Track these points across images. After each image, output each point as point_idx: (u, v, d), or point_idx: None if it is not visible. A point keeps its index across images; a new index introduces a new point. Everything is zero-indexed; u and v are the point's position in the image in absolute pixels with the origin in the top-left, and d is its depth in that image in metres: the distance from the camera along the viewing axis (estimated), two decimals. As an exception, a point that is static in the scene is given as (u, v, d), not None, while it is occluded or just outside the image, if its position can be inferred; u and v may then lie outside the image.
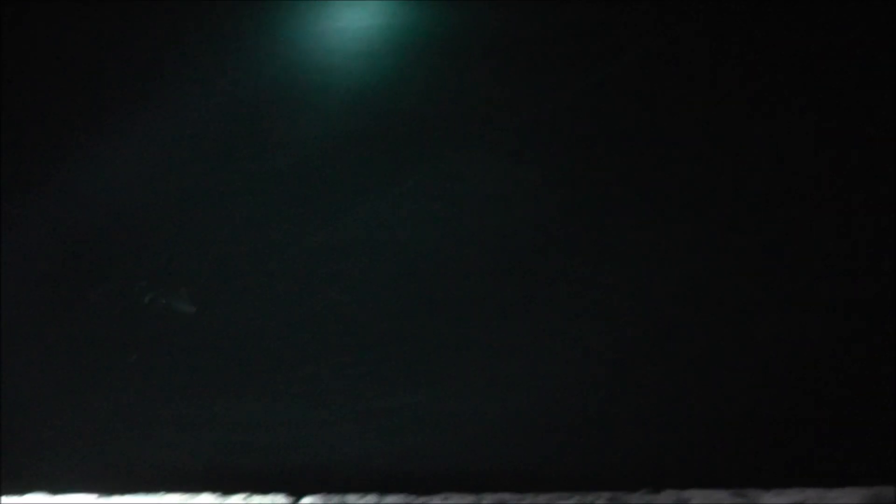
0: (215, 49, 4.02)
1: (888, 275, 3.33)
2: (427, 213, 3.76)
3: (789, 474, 3.14)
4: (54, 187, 3.95)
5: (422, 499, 3.20)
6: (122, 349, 3.71)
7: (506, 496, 3.18)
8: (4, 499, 3.28)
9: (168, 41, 3.99)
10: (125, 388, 3.64)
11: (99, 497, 3.30)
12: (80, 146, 3.98)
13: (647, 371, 3.40)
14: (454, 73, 3.85)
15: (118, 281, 3.82)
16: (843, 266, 3.38)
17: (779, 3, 3.52)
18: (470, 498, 3.19)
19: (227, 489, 3.30)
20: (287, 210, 3.82)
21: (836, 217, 3.41)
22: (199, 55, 4.00)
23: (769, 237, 3.45)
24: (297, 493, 3.27)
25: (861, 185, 3.43)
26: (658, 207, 3.56)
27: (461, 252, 3.70)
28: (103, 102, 4.04)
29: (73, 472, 3.40)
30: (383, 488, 3.25)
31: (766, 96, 3.54)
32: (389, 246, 3.74)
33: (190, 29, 4.01)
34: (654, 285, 3.50)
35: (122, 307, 3.78)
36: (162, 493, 3.30)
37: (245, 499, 3.27)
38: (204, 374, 3.63)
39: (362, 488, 3.26)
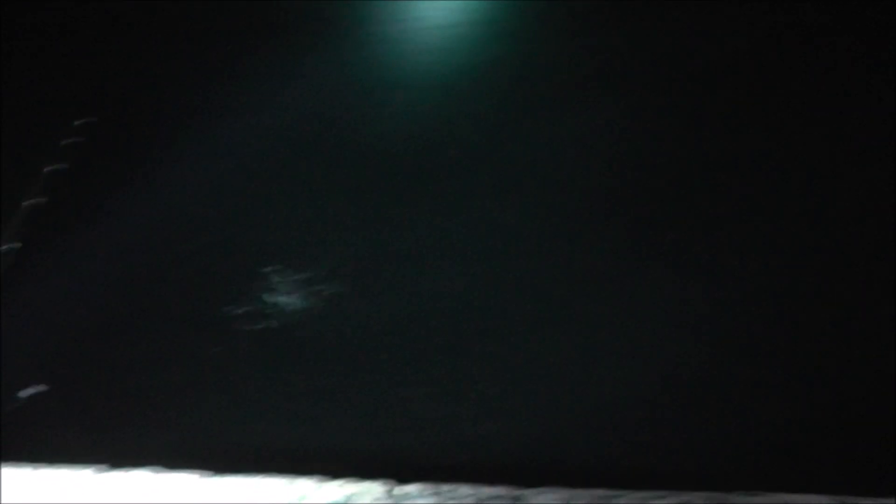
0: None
1: None
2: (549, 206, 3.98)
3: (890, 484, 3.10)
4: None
5: (517, 491, 3.22)
6: (218, 342, 3.88)
7: (599, 492, 3.18)
8: (115, 472, 3.39)
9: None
10: (231, 377, 3.78)
11: (201, 476, 3.38)
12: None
13: (750, 372, 3.40)
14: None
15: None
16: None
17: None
18: (564, 493, 3.20)
19: (324, 474, 3.36)
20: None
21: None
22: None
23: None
24: (394, 481, 3.31)
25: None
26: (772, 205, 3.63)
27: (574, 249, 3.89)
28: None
29: (177, 451, 3.50)
30: (479, 479, 3.28)
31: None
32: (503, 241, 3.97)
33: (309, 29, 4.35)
34: (764, 284, 3.52)
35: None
36: (262, 475, 3.38)
37: (342, 485, 3.32)
38: (312, 364, 3.77)
39: (458, 479, 3.29)
